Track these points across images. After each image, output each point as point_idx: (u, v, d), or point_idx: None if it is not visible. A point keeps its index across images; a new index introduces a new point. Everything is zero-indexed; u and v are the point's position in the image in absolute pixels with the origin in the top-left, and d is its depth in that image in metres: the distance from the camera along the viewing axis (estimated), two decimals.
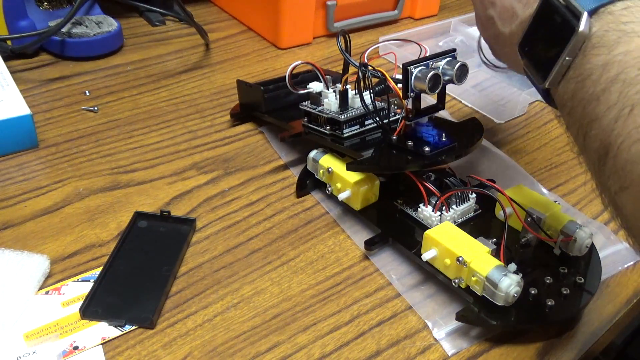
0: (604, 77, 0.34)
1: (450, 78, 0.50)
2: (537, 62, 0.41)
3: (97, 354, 0.42)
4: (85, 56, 0.76)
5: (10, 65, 0.68)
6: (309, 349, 0.43)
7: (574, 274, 0.47)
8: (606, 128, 0.34)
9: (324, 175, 0.55)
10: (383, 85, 0.53)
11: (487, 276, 0.43)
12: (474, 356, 0.44)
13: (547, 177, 0.62)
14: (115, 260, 0.48)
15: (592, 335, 0.46)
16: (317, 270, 0.50)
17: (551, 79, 0.39)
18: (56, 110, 0.67)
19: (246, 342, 0.44)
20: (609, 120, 0.34)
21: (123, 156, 0.61)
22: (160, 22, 0.87)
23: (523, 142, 0.68)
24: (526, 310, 0.44)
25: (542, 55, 0.40)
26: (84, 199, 0.55)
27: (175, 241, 0.50)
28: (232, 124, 0.67)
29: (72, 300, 0.45)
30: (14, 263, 0.46)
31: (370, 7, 0.89)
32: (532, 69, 0.42)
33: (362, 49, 0.81)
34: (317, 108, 0.57)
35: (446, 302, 0.48)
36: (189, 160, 0.61)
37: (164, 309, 0.45)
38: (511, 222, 0.50)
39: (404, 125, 0.53)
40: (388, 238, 0.52)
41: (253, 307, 0.46)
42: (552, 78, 0.38)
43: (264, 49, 0.83)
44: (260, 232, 0.53)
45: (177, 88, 0.73)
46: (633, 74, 0.33)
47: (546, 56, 0.39)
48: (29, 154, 0.60)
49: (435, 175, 0.52)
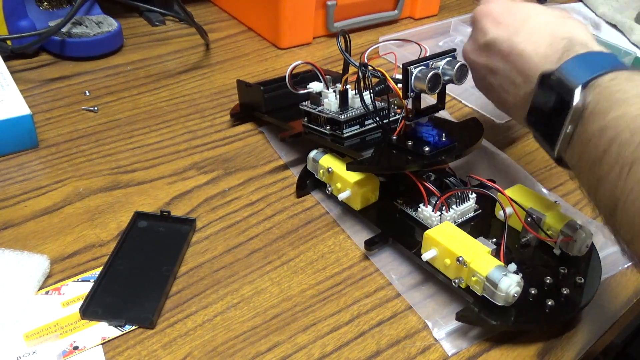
0: (602, 141, 0.38)
1: (450, 78, 0.50)
2: (543, 134, 0.45)
3: (97, 354, 0.42)
4: (85, 56, 0.76)
5: (10, 65, 0.68)
6: (309, 349, 0.43)
7: (574, 274, 0.47)
8: (611, 186, 0.37)
9: (324, 175, 0.55)
10: (383, 85, 0.53)
11: (487, 276, 0.43)
12: (474, 356, 0.44)
13: (547, 177, 0.62)
14: (115, 260, 0.48)
15: (592, 335, 0.46)
16: (317, 270, 0.50)
17: (558, 147, 0.42)
18: (56, 110, 0.67)
19: (246, 342, 0.44)
20: (612, 179, 0.37)
21: (123, 156, 0.61)
22: (160, 22, 0.87)
23: (523, 142, 0.68)
24: (526, 310, 0.44)
25: (546, 128, 0.44)
26: (84, 199, 0.55)
27: (175, 241, 0.50)
28: (232, 124, 0.67)
29: (72, 300, 0.45)
30: (14, 263, 0.46)
31: (370, 7, 0.89)
32: (540, 139, 0.45)
33: (362, 49, 0.81)
34: (317, 108, 0.57)
35: (446, 302, 0.48)
36: (189, 160, 0.61)
37: (164, 309, 0.45)
38: (511, 222, 0.50)
39: (404, 125, 0.53)
40: (388, 238, 0.52)
41: (253, 307, 0.46)
42: (559, 147, 0.42)
43: (264, 49, 0.83)
44: (260, 232, 0.53)
45: (177, 88, 0.73)
46: (627, 135, 0.36)
47: (550, 128, 0.43)
48: (29, 154, 0.60)
49: (435, 175, 0.52)
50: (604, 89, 0.40)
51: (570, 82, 0.42)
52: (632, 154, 0.36)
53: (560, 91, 0.42)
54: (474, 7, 0.55)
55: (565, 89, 0.42)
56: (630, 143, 0.36)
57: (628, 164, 0.36)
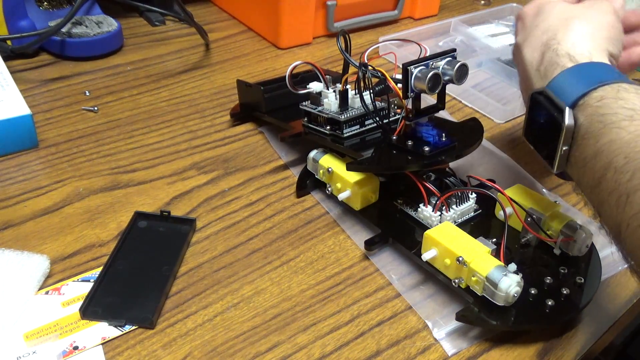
0: (597, 167, 0.38)
1: (450, 78, 0.50)
2: (541, 152, 0.45)
3: (97, 354, 0.42)
4: (85, 56, 0.76)
5: (10, 65, 0.68)
6: (309, 349, 0.43)
7: (574, 274, 0.47)
8: (612, 213, 0.37)
9: (324, 175, 0.55)
10: (383, 85, 0.53)
11: (487, 276, 0.43)
12: (474, 356, 0.44)
13: (547, 177, 0.62)
14: (115, 260, 0.48)
15: (592, 335, 0.46)
16: (317, 270, 0.50)
17: (557, 166, 0.43)
18: (56, 110, 0.67)
19: (246, 342, 0.44)
20: (612, 206, 0.37)
21: (123, 156, 0.61)
22: (160, 22, 0.87)
23: (523, 142, 0.68)
24: (526, 310, 0.44)
25: (543, 147, 0.45)
26: (84, 199, 0.55)
27: (175, 241, 0.50)
28: (232, 124, 0.67)
29: (72, 300, 0.45)
30: (14, 263, 0.46)
31: (370, 7, 0.89)
32: (540, 157, 0.46)
33: (362, 49, 0.81)
34: (317, 108, 0.57)
35: (446, 302, 0.48)
36: (189, 160, 0.61)
37: (164, 309, 0.45)
38: (511, 222, 0.50)
39: (404, 125, 0.53)
40: (388, 238, 0.52)
41: (253, 307, 0.46)
42: (557, 165, 0.43)
43: (264, 49, 0.83)
44: (260, 232, 0.53)
45: (177, 88, 0.73)
46: (621, 162, 0.36)
47: (547, 147, 0.44)
48: (29, 154, 0.60)
49: (435, 175, 0.52)
50: (594, 109, 0.39)
51: (558, 102, 0.41)
52: (627, 182, 0.36)
53: (551, 111, 0.42)
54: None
55: (555, 108, 0.42)
56: (625, 171, 0.36)
57: (625, 194, 0.36)
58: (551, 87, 0.43)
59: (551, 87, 0.43)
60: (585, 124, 0.40)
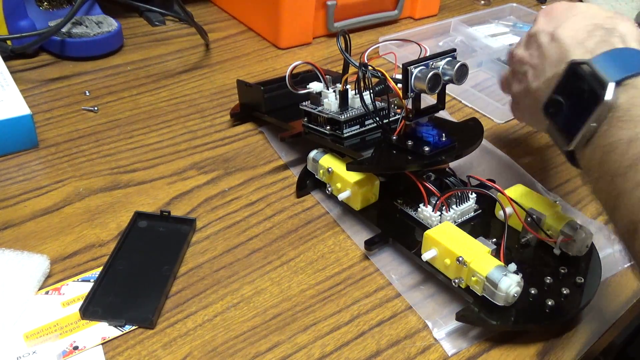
0: (630, 154, 0.36)
1: (450, 78, 0.50)
2: (562, 126, 0.42)
3: (97, 354, 0.42)
4: (85, 56, 0.76)
5: (10, 65, 0.68)
6: (309, 349, 0.43)
7: (574, 274, 0.47)
8: (633, 207, 0.35)
9: (324, 175, 0.55)
10: (383, 85, 0.53)
11: (487, 276, 0.43)
12: (474, 356, 0.44)
13: (547, 177, 0.62)
14: (115, 260, 0.48)
15: (592, 335, 0.46)
16: (317, 270, 0.50)
17: (576, 142, 0.40)
18: (56, 110, 0.67)
19: (246, 342, 0.44)
20: (636, 200, 0.35)
21: (123, 156, 0.61)
22: (160, 22, 0.87)
23: (523, 142, 0.68)
24: (526, 310, 0.44)
25: (566, 119, 0.42)
26: (84, 199, 0.55)
27: (175, 241, 0.50)
28: (232, 124, 0.67)
29: (72, 300, 0.45)
30: (14, 263, 0.46)
31: (370, 7, 0.89)
32: (555, 131, 0.43)
33: (362, 49, 0.81)
34: (317, 108, 0.57)
35: (446, 302, 0.48)
36: (189, 160, 0.61)
37: (164, 309, 0.45)
38: (511, 222, 0.50)
39: (404, 125, 0.53)
40: (388, 238, 0.52)
41: (253, 307, 0.46)
42: (576, 142, 0.40)
43: (264, 49, 0.83)
44: (260, 232, 0.53)
45: (177, 88, 0.73)
46: None
47: (571, 120, 0.41)
48: (29, 154, 0.60)
49: (435, 175, 0.52)
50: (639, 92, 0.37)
51: (603, 76, 0.39)
52: None
53: (591, 83, 0.39)
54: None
55: (597, 81, 0.39)
56: None
57: None
58: (597, 61, 0.41)
59: (597, 60, 0.41)
60: (626, 105, 0.37)
